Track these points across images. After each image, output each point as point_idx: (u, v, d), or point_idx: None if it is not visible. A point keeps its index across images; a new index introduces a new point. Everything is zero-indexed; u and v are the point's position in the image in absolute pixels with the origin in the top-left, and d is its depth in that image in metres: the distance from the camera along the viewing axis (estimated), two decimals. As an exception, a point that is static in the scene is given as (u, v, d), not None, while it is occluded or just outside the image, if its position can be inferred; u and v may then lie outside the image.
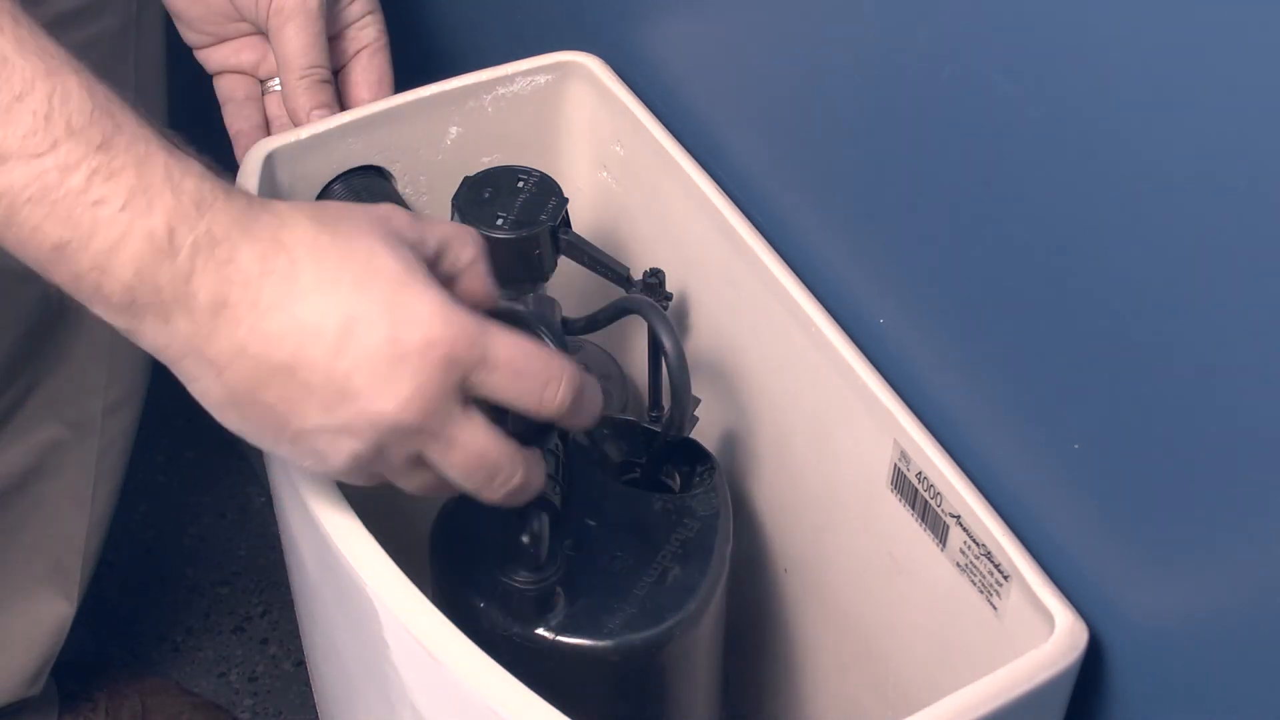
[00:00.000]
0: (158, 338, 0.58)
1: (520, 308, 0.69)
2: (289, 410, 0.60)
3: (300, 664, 1.39)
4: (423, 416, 0.60)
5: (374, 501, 0.70)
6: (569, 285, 0.81)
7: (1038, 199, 0.58)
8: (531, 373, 0.62)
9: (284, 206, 0.61)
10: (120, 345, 1.05)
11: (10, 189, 0.55)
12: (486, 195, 0.76)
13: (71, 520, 1.10)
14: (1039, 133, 0.57)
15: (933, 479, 0.67)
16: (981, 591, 0.66)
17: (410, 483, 0.63)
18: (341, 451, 0.60)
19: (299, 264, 0.59)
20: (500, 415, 0.62)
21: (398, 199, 0.84)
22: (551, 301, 0.75)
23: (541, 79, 0.85)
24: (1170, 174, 0.52)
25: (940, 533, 0.68)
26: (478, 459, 0.62)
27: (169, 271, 0.57)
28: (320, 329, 0.59)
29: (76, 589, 1.12)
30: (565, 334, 0.74)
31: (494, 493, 0.63)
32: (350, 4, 0.84)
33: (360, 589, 0.62)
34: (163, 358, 0.60)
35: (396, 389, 0.59)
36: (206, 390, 0.60)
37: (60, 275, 0.57)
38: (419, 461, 0.62)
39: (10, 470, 1.05)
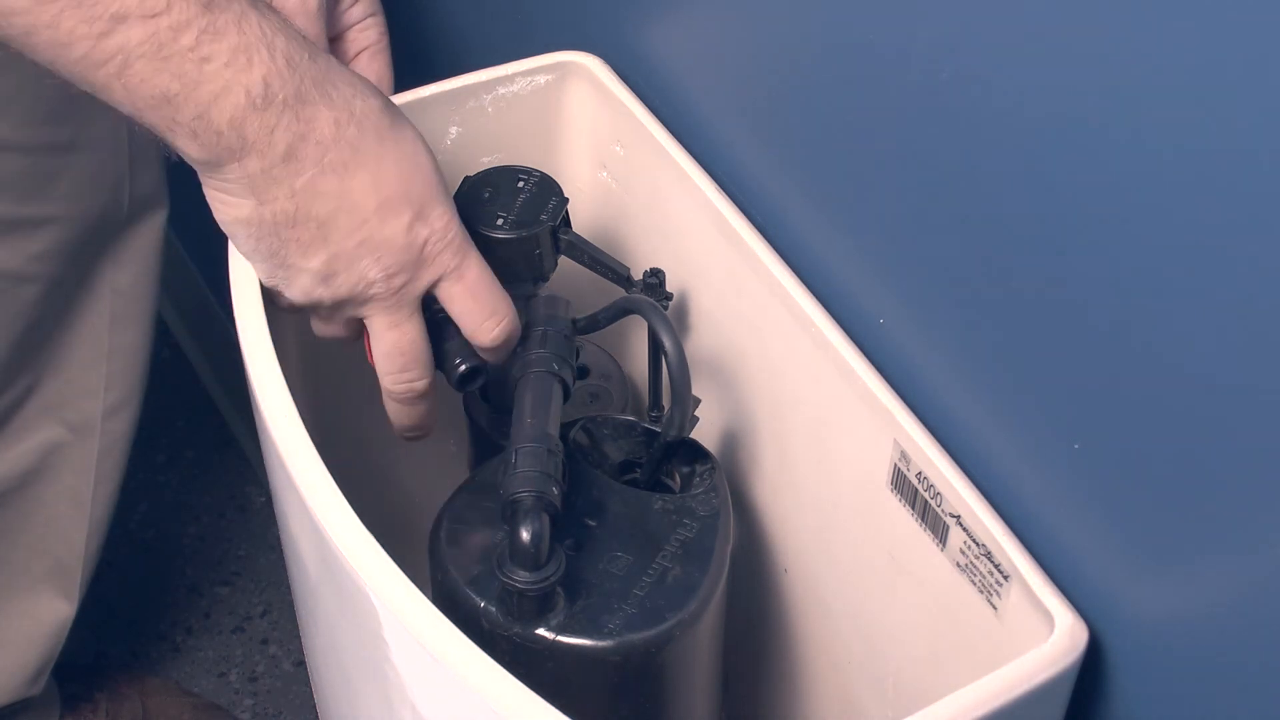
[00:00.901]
0: (223, 169, 0.66)
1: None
2: (300, 251, 0.68)
3: (300, 664, 1.39)
4: (388, 294, 0.70)
5: (374, 501, 0.70)
6: (569, 285, 0.81)
7: (1039, 199, 0.58)
8: (484, 301, 0.72)
9: (355, 77, 0.69)
10: (119, 348, 1.05)
11: (126, 45, 0.61)
12: (486, 195, 0.76)
13: (71, 521, 1.10)
14: (1040, 133, 0.57)
15: (933, 479, 0.67)
16: (981, 591, 0.66)
17: (327, 329, 0.74)
18: (307, 290, 0.70)
19: (365, 136, 0.67)
20: (449, 357, 0.74)
21: None
22: (563, 300, 0.75)
23: (541, 79, 0.85)
24: (1170, 173, 0.52)
25: (940, 533, 0.68)
26: (401, 349, 0.72)
27: (258, 122, 0.64)
28: (360, 203, 0.68)
29: (77, 589, 1.12)
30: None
31: (395, 386, 0.74)
32: (352, 6, 0.84)
33: (360, 589, 0.62)
34: (208, 178, 0.67)
35: (387, 265, 0.69)
36: (237, 208, 0.67)
37: (155, 119, 0.64)
38: (354, 322, 0.73)
39: (10, 471, 1.05)
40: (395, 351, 0.73)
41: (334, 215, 0.68)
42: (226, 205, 0.68)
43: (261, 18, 0.65)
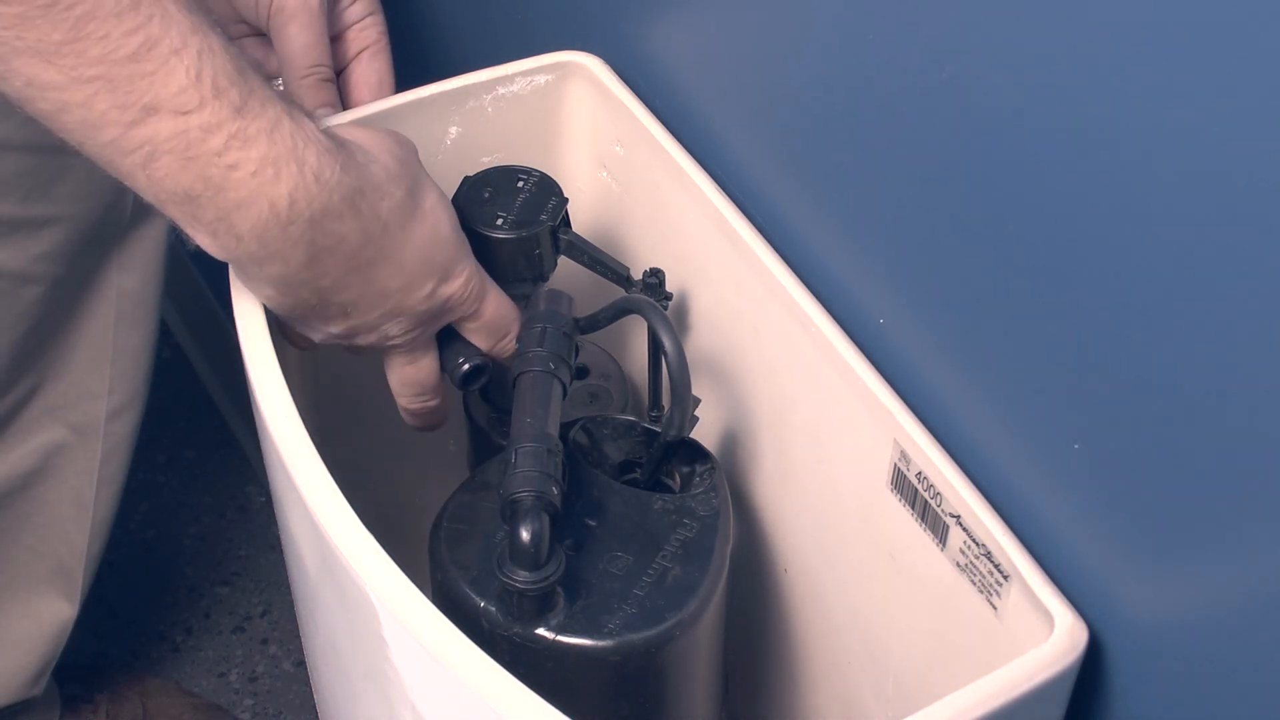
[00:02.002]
0: (246, 271, 0.67)
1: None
2: (323, 321, 0.69)
3: (300, 664, 1.39)
4: (408, 343, 0.73)
5: (374, 501, 0.70)
6: (569, 285, 0.81)
7: (1038, 198, 0.58)
8: (499, 326, 0.75)
9: (385, 178, 0.68)
10: (123, 351, 1.05)
11: (155, 138, 0.60)
12: (486, 195, 0.76)
13: (74, 523, 1.10)
14: (1039, 132, 0.57)
15: (933, 479, 0.67)
16: (981, 591, 0.66)
17: (351, 350, 0.75)
18: (325, 341, 0.72)
19: (389, 235, 0.67)
20: (452, 358, 0.76)
21: None
22: (566, 297, 0.75)
23: (541, 79, 0.85)
24: (1170, 173, 0.52)
25: (940, 533, 0.68)
26: (418, 380, 0.75)
27: (280, 234, 0.63)
28: (385, 287, 0.69)
29: (78, 591, 1.12)
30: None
31: (411, 405, 0.77)
32: (351, 4, 0.84)
33: (360, 589, 0.62)
34: (235, 268, 0.68)
35: (407, 326, 0.71)
36: (262, 293, 0.68)
37: (176, 214, 0.63)
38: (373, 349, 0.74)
39: (12, 472, 1.05)
40: (411, 381, 0.75)
41: (358, 301, 0.69)
42: (248, 283, 0.69)
43: (296, 128, 0.63)
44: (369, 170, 0.67)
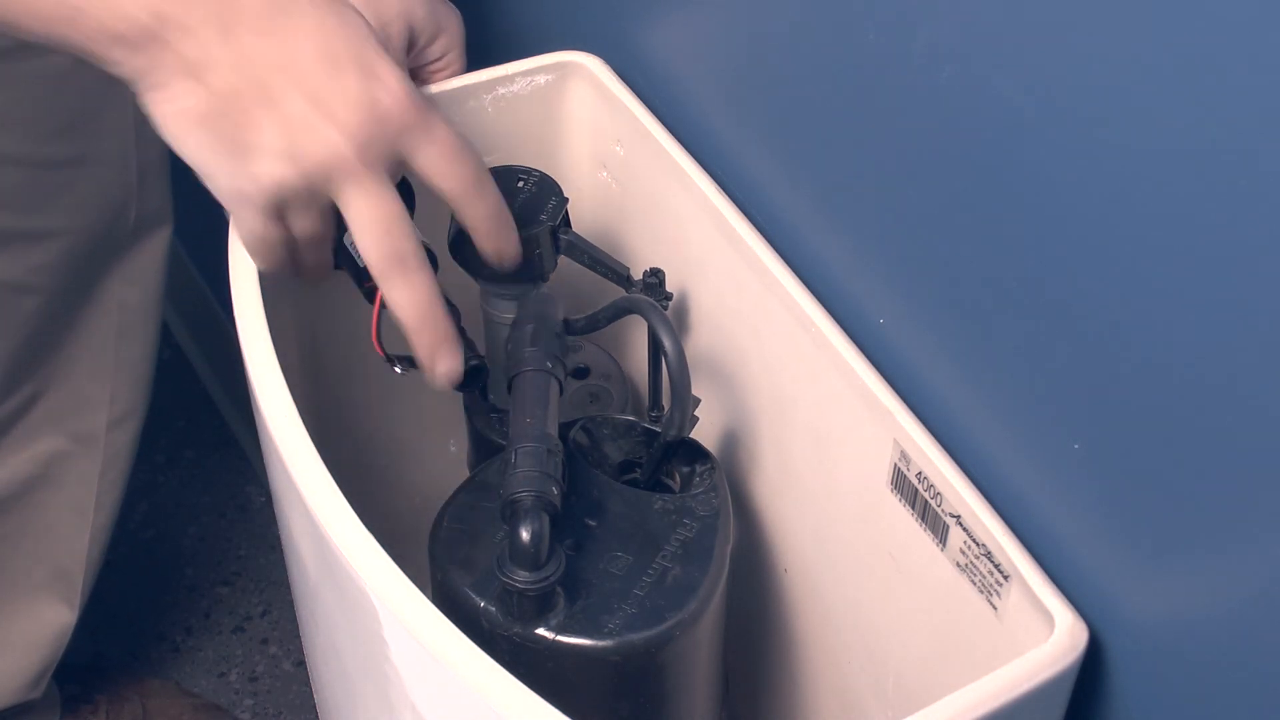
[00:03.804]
0: (162, 63, 0.64)
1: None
2: (250, 124, 0.65)
3: (300, 664, 1.39)
4: (360, 166, 0.66)
5: (374, 501, 0.70)
6: (569, 285, 0.81)
7: (1038, 199, 0.58)
8: (465, 161, 0.69)
9: None
10: (124, 362, 1.05)
11: None
12: (486, 195, 0.76)
13: (74, 529, 1.10)
14: (1039, 133, 0.57)
15: (933, 479, 0.67)
16: (981, 591, 0.66)
17: (309, 232, 0.69)
18: (276, 176, 0.66)
19: (297, 1, 0.66)
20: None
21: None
22: (552, 298, 0.75)
23: (541, 79, 0.85)
24: (1170, 174, 0.52)
25: (940, 533, 0.68)
26: (378, 217, 0.67)
27: (182, 4, 0.63)
28: (301, 59, 0.65)
29: (79, 595, 1.12)
30: (566, 333, 0.74)
31: (382, 255, 0.67)
32: (430, 44, 0.83)
33: (360, 589, 0.62)
34: (150, 88, 0.65)
35: (348, 126, 0.65)
36: (183, 101, 0.65)
37: (79, 34, 0.63)
38: (327, 216, 0.68)
39: (12, 478, 1.05)
40: (373, 220, 0.67)
41: (275, 75, 0.65)
42: (176, 110, 0.65)
43: None
44: None
